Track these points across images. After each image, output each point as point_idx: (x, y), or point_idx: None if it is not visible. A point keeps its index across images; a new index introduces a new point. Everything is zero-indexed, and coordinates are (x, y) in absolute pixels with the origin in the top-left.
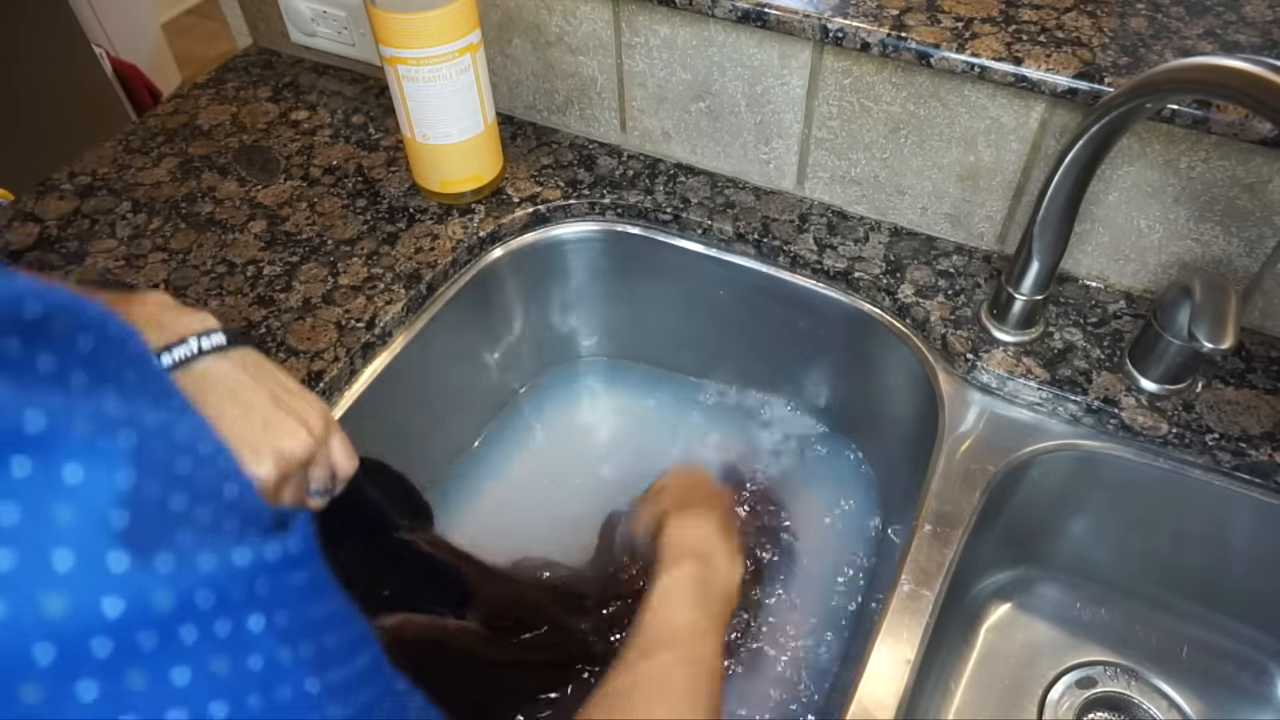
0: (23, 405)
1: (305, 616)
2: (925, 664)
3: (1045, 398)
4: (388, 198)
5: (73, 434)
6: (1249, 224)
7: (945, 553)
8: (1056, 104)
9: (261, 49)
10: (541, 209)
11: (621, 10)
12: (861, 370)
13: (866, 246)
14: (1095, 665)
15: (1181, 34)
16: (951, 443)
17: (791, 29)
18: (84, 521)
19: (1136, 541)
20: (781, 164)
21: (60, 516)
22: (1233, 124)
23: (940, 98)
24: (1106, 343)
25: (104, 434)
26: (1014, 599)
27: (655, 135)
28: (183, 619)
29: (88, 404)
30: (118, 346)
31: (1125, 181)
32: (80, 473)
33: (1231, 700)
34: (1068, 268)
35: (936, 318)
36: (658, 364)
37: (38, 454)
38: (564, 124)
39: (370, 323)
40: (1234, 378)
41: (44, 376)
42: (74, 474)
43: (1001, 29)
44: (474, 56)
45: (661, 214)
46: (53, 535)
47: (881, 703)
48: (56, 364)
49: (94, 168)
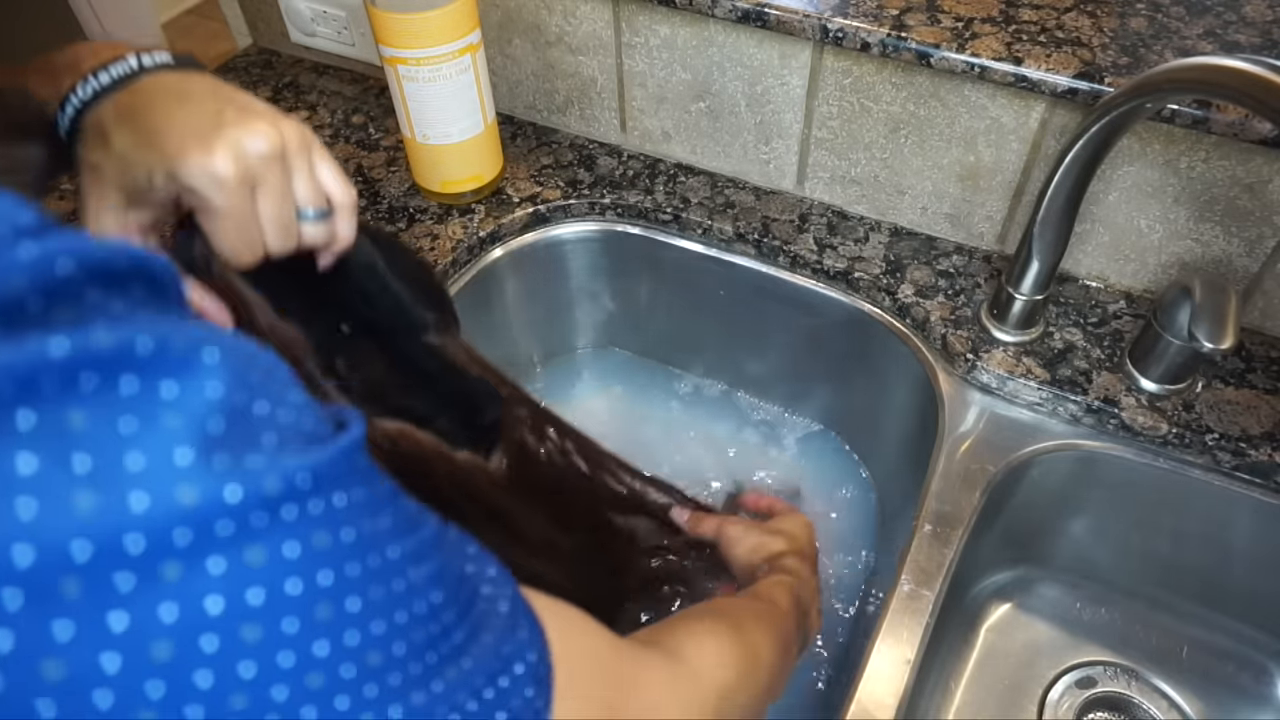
0: (133, 332)
1: (376, 490)
2: (925, 664)
3: (1045, 398)
4: (388, 198)
5: (170, 351)
6: (1249, 224)
7: (945, 553)
8: (1056, 104)
9: (261, 49)
10: (541, 209)
11: (621, 10)
12: (861, 370)
13: (866, 246)
14: (1095, 665)
15: (1181, 34)
16: (951, 443)
17: (791, 29)
18: (190, 427)
19: (1136, 541)
20: (781, 164)
21: (170, 424)
22: (1233, 124)
23: (940, 98)
24: (1106, 343)
25: (194, 350)
26: (1014, 599)
27: (655, 135)
28: (285, 500)
29: (172, 323)
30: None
31: (1125, 181)
32: (175, 389)
33: (1231, 700)
34: (1068, 268)
35: (936, 318)
36: (657, 364)
37: (145, 372)
38: (564, 124)
39: None
40: (1234, 378)
41: (118, 317)
42: (169, 390)
43: (1001, 29)
44: (474, 56)
45: (661, 214)
46: (171, 438)
47: (881, 703)
48: (126, 308)
49: None
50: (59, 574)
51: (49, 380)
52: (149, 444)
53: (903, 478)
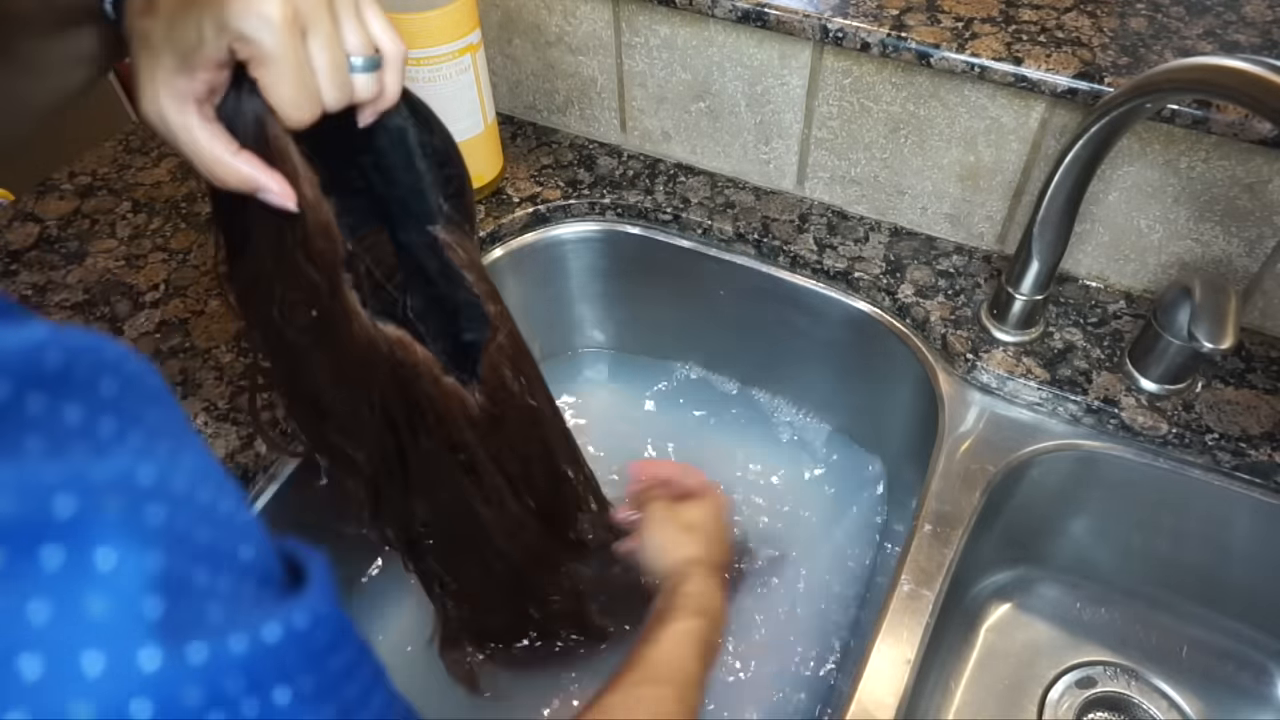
0: (51, 489)
1: (327, 672)
2: (925, 664)
3: (1045, 398)
4: None
5: (105, 514)
6: (1249, 224)
7: (945, 553)
8: (1056, 104)
9: None
10: (541, 209)
11: (621, 10)
12: (861, 370)
13: (866, 246)
14: (1095, 665)
15: (1181, 34)
16: (951, 443)
17: (791, 29)
18: (118, 614)
19: (1136, 541)
20: (781, 164)
21: (94, 610)
22: (1233, 124)
23: (940, 98)
24: (1106, 343)
25: (135, 510)
26: (1014, 599)
27: (655, 135)
28: (211, 707)
29: (118, 464)
30: (138, 384)
31: (1125, 181)
32: (114, 558)
33: (1231, 700)
34: (1068, 268)
35: (936, 318)
36: (657, 363)
37: (70, 541)
38: (564, 124)
39: None
40: (1234, 378)
41: (73, 430)
42: (107, 559)
43: (1001, 29)
44: (474, 56)
45: (661, 214)
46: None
47: (881, 702)
48: (84, 414)
49: (94, 168)
50: None
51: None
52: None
53: (902, 477)
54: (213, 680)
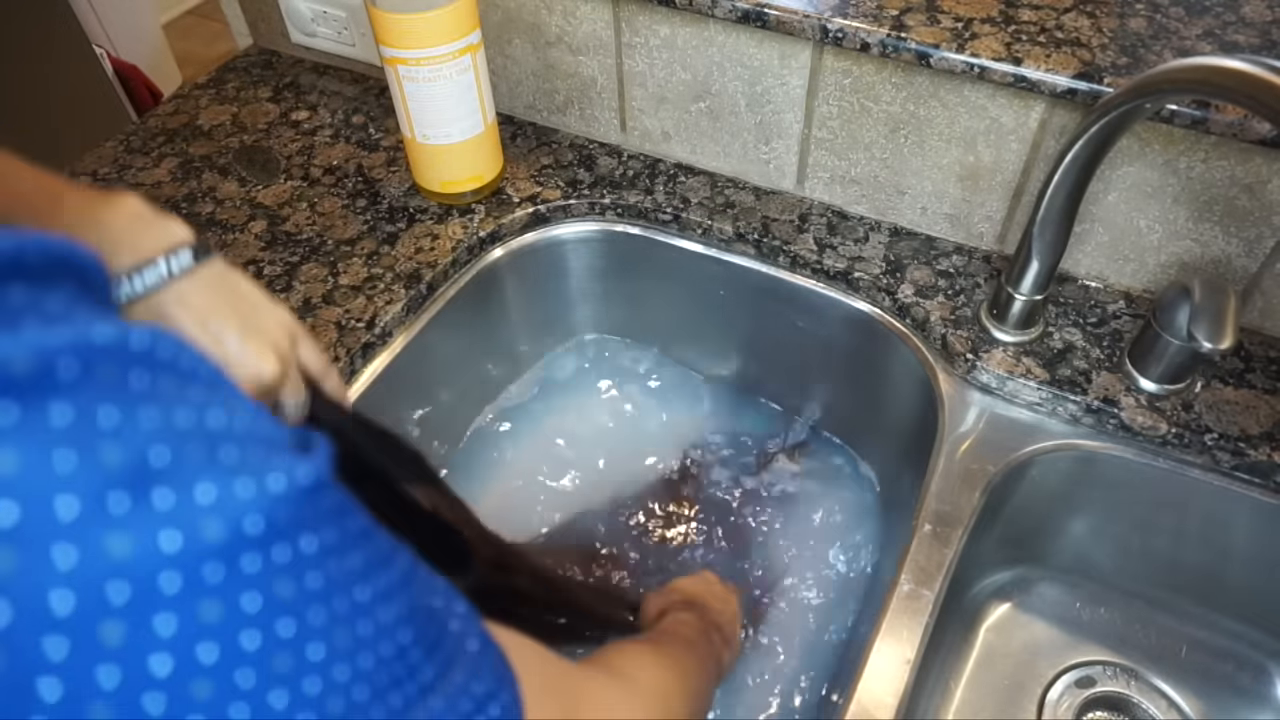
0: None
1: (347, 529)
2: (925, 664)
3: (1045, 398)
4: (388, 198)
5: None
6: (1248, 224)
7: (945, 552)
8: (1056, 104)
9: (262, 49)
10: (541, 209)
11: (621, 10)
12: (861, 370)
13: (866, 246)
14: (1095, 665)
15: (1181, 34)
16: (951, 443)
17: (791, 29)
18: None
19: (1136, 541)
20: (781, 164)
21: (109, 459)
22: (1232, 124)
23: (940, 98)
24: (1106, 343)
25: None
26: (1014, 599)
27: (655, 135)
28: (245, 549)
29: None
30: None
31: (1125, 181)
32: (116, 415)
33: (1231, 700)
34: (1067, 268)
35: (936, 318)
36: (657, 363)
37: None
38: (564, 124)
39: (370, 323)
40: (1233, 378)
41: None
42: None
43: (1001, 29)
44: (474, 56)
45: (661, 214)
46: (105, 479)
47: (881, 702)
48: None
49: (94, 168)
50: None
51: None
52: (83, 484)
53: (902, 477)
54: (230, 518)
